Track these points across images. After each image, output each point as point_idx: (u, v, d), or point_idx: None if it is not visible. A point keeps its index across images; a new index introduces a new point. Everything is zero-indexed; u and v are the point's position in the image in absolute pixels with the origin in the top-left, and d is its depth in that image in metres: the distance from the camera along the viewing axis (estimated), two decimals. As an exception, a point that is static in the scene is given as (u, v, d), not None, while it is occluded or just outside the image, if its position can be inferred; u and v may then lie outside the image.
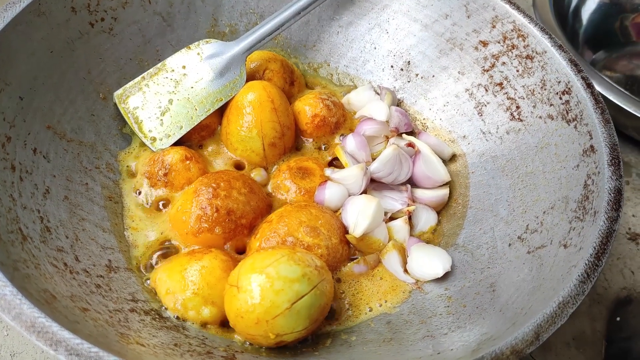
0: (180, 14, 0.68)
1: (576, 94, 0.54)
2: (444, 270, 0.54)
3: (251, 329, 0.45)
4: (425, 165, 0.62)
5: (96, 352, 0.35)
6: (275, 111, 0.61)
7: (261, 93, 0.60)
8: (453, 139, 0.66)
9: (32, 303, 0.37)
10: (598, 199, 0.47)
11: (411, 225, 0.60)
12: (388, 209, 0.60)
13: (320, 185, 0.60)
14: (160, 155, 0.60)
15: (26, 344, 0.56)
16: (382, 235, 0.57)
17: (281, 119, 0.61)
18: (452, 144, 0.66)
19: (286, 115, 0.63)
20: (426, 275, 0.55)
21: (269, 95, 0.61)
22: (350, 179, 0.59)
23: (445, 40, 0.67)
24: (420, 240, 0.58)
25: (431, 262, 0.55)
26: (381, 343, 0.49)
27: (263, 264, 0.45)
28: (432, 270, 0.55)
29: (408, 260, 0.56)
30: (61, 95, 0.57)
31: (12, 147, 0.50)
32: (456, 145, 0.66)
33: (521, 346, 0.39)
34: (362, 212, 0.56)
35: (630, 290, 0.65)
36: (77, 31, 0.59)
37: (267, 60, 0.67)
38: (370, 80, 0.73)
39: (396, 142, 0.64)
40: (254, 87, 0.61)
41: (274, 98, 0.61)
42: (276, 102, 0.61)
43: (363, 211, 0.56)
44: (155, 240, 0.56)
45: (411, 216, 0.60)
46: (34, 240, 0.46)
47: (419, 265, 0.55)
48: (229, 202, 0.54)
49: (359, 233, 0.55)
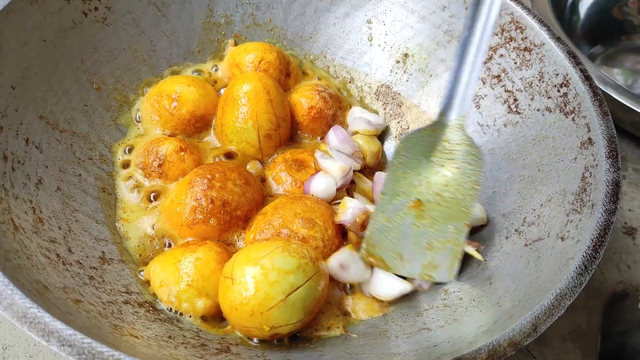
0: (175, 3, 0.67)
1: (574, 86, 0.54)
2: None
3: (245, 321, 0.44)
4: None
5: (89, 343, 0.35)
6: (270, 102, 0.60)
7: (257, 84, 0.60)
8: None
9: (24, 294, 0.36)
10: (596, 191, 0.47)
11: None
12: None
13: (310, 176, 0.59)
14: (154, 145, 0.59)
15: (19, 337, 0.56)
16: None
17: (277, 110, 0.61)
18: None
19: (282, 107, 0.62)
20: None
21: (264, 86, 0.60)
22: (333, 171, 0.59)
23: (442, 32, 0.66)
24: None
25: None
26: (377, 335, 0.49)
27: (258, 255, 0.45)
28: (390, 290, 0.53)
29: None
30: (54, 85, 0.56)
31: (4, 137, 0.49)
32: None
33: (518, 338, 0.39)
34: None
35: (626, 284, 0.65)
36: (70, 20, 0.58)
37: (263, 51, 0.67)
38: (367, 72, 0.72)
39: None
40: (249, 78, 0.60)
41: (269, 89, 0.60)
42: (272, 93, 0.61)
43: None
44: (147, 234, 0.55)
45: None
46: (26, 231, 0.45)
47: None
48: (224, 194, 0.54)
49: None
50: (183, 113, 0.62)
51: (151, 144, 0.60)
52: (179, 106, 0.62)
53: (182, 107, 0.62)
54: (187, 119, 0.62)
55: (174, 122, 0.62)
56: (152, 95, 0.64)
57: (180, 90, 0.63)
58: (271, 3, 0.71)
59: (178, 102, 0.62)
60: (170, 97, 0.62)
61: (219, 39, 0.71)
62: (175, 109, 0.62)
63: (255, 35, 0.71)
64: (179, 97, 0.62)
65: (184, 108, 0.62)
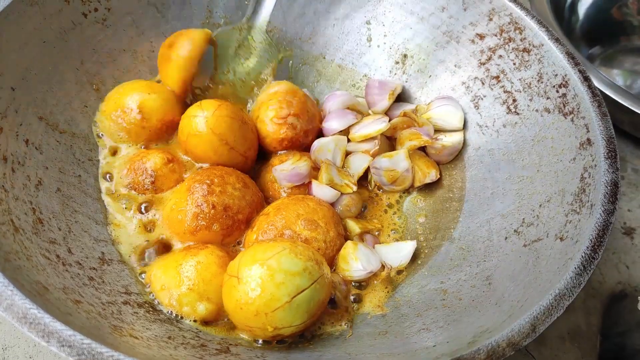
0: (175, 5, 0.67)
1: (573, 87, 0.54)
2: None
3: (250, 320, 0.44)
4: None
5: (88, 343, 0.35)
6: (232, 149, 0.59)
7: (212, 138, 0.57)
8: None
9: (23, 294, 0.36)
10: (594, 191, 0.47)
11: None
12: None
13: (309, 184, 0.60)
14: (138, 163, 0.57)
15: (19, 338, 0.56)
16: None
17: (240, 150, 0.59)
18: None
19: (243, 142, 0.60)
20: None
21: (220, 138, 0.57)
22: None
23: (441, 33, 0.66)
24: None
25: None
26: (376, 336, 0.49)
27: (265, 255, 0.45)
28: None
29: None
30: (54, 86, 0.56)
31: (4, 138, 0.49)
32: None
33: (517, 338, 0.39)
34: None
35: (625, 284, 0.65)
36: (70, 21, 0.58)
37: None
38: (366, 73, 0.72)
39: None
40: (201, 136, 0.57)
41: (227, 139, 0.58)
42: (230, 141, 0.58)
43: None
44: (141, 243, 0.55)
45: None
46: (26, 232, 0.45)
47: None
48: (224, 198, 0.53)
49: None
50: (154, 123, 0.60)
51: (133, 161, 0.58)
52: (148, 117, 0.60)
53: (152, 117, 0.60)
54: (159, 128, 0.61)
55: (146, 135, 0.60)
56: (110, 111, 0.60)
57: (142, 100, 0.60)
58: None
59: (143, 113, 0.59)
60: (132, 110, 0.59)
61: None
62: (145, 120, 0.60)
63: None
64: (143, 108, 0.59)
65: (154, 117, 0.60)
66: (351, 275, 0.54)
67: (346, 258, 0.54)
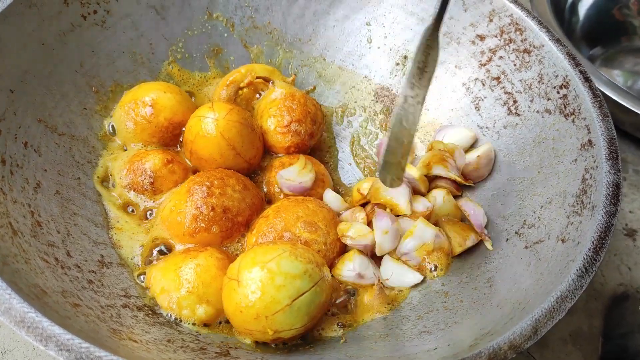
0: (175, 6, 0.67)
1: (574, 87, 0.54)
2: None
3: (250, 324, 0.44)
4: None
5: (87, 347, 0.34)
6: (238, 155, 0.59)
7: (220, 142, 0.57)
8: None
9: (21, 298, 0.36)
10: (596, 193, 0.47)
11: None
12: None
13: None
14: (138, 163, 0.57)
15: (17, 341, 0.55)
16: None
17: (246, 157, 0.59)
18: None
19: (251, 148, 0.60)
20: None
21: (228, 143, 0.57)
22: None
23: (441, 34, 0.66)
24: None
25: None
26: (377, 339, 0.49)
27: (265, 258, 0.45)
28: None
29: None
30: (53, 88, 0.56)
31: (3, 140, 0.49)
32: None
33: (519, 341, 0.38)
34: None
35: (627, 286, 0.65)
36: (69, 24, 0.58)
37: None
38: (367, 75, 0.72)
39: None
40: (210, 140, 0.57)
41: (235, 145, 0.58)
42: (237, 147, 0.58)
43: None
44: (145, 244, 0.54)
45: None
46: (24, 235, 0.45)
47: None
48: (224, 200, 0.53)
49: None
50: (161, 120, 0.60)
51: (132, 161, 0.58)
52: (157, 112, 0.60)
53: (161, 113, 0.60)
54: (165, 127, 0.60)
55: (151, 130, 0.60)
56: (125, 102, 0.61)
57: (156, 97, 0.60)
58: (270, 6, 0.70)
59: (154, 109, 0.59)
60: (145, 104, 0.59)
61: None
62: (153, 115, 0.60)
63: (254, 38, 0.71)
64: (156, 104, 0.60)
65: (162, 115, 0.60)
66: (341, 274, 0.53)
67: (343, 260, 0.54)
